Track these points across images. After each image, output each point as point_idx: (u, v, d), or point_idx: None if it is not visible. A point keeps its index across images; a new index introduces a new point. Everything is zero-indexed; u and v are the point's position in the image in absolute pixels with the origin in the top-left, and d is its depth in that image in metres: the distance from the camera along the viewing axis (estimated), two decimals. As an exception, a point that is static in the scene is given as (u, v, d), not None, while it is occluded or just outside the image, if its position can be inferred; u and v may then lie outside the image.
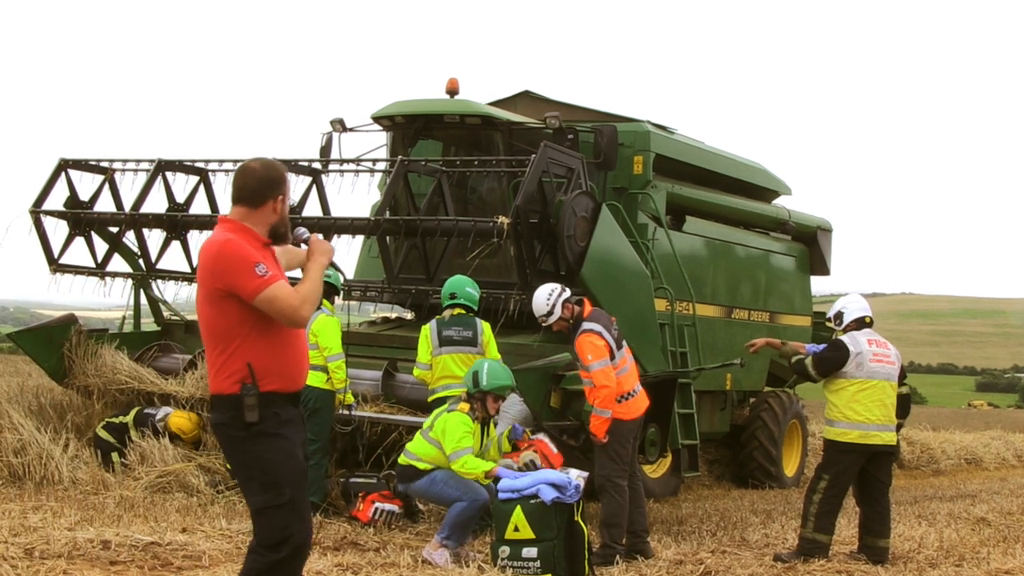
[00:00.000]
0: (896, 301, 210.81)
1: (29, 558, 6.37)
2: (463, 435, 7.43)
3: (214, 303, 4.45)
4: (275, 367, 4.47)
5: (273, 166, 4.67)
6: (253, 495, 4.48)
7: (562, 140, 10.49)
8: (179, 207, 11.41)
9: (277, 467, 4.44)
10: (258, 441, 4.43)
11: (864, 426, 7.98)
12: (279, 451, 4.46)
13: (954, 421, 28.14)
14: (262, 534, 4.46)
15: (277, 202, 4.59)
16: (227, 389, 4.44)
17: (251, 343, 4.44)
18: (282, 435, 4.47)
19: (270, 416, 4.43)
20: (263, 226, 4.58)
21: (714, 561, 7.70)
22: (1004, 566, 7.87)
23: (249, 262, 4.39)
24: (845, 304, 8.44)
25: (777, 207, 14.89)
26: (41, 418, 10.51)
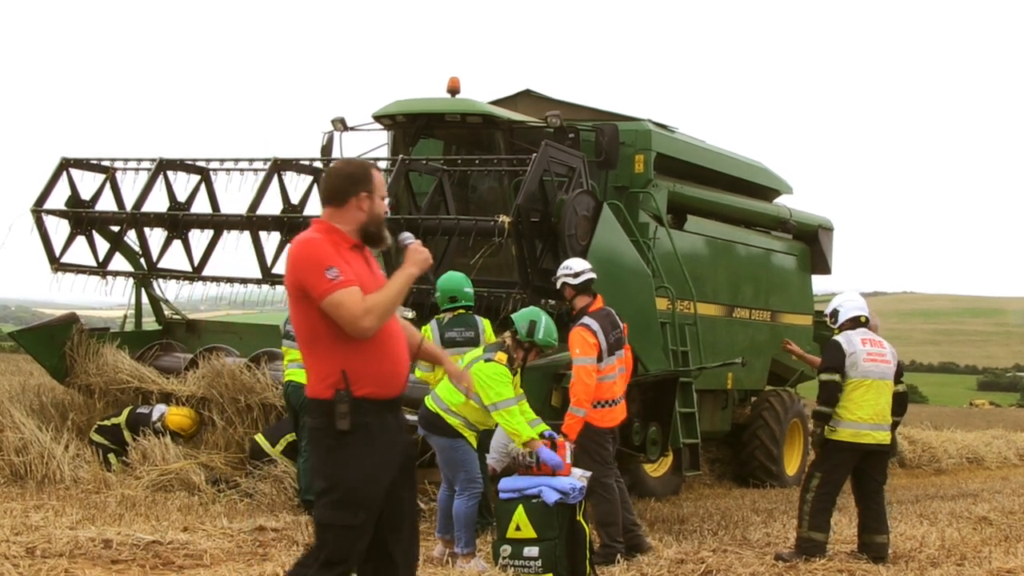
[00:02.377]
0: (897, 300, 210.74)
1: (31, 557, 6.38)
2: (502, 386, 7.16)
3: (296, 303, 4.33)
4: (368, 370, 4.30)
5: (356, 163, 4.57)
6: (326, 508, 4.29)
7: (563, 139, 10.49)
8: (180, 206, 11.41)
9: (358, 487, 4.26)
10: (345, 455, 4.26)
11: (856, 425, 7.98)
12: (363, 470, 4.26)
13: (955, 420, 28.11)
14: (319, 548, 4.29)
15: (361, 199, 4.42)
16: (321, 393, 4.29)
17: (341, 345, 4.28)
18: (371, 453, 4.28)
19: (362, 426, 4.26)
20: (351, 225, 4.42)
21: (715, 560, 7.70)
22: (1006, 565, 7.86)
23: (321, 264, 4.24)
24: (841, 303, 8.42)
25: (778, 206, 14.89)
26: (43, 417, 10.52)
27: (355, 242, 4.45)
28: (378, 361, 4.34)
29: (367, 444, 4.27)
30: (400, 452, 4.40)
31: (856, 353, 8.02)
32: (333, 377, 4.26)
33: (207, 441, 10.22)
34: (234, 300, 11.63)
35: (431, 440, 7.56)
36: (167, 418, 10.12)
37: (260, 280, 10.73)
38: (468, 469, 7.37)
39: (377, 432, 4.30)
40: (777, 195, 14.97)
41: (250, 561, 6.76)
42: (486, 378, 7.20)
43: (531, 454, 7.13)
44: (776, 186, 14.77)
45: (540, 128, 10.86)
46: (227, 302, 12.91)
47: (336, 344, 4.28)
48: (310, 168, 11.13)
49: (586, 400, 7.65)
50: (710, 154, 13.34)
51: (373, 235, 4.49)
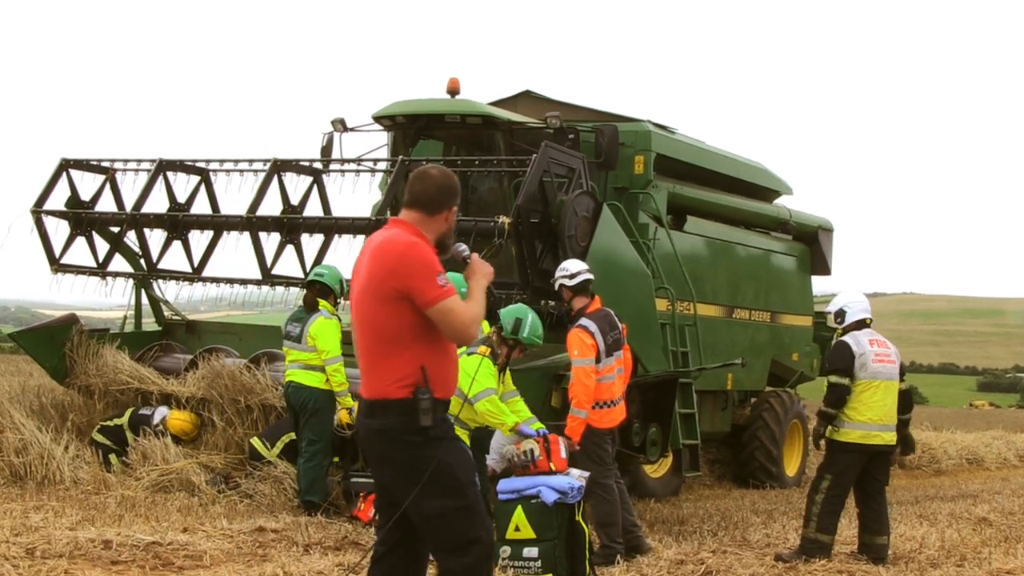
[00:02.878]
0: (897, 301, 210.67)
1: (31, 558, 6.38)
2: (484, 376, 7.19)
3: (387, 304, 4.35)
4: (441, 374, 4.42)
5: (451, 175, 4.61)
6: (430, 499, 4.34)
7: (563, 140, 10.49)
8: (180, 207, 11.41)
9: (457, 469, 4.37)
10: (434, 445, 4.34)
11: (866, 426, 7.96)
12: (456, 452, 4.41)
13: (955, 421, 28.11)
14: (444, 538, 4.37)
15: (451, 212, 4.54)
16: (394, 394, 4.33)
17: (424, 348, 4.36)
18: (454, 437, 4.45)
19: (440, 421, 4.38)
20: (433, 234, 4.50)
21: (715, 561, 7.70)
22: (1006, 566, 7.86)
23: (434, 270, 4.34)
24: (847, 303, 8.35)
25: (778, 207, 14.90)
26: (42, 418, 10.52)
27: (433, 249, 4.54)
28: (448, 366, 4.48)
29: (450, 430, 4.44)
30: None
31: (865, 354, 8.00)
32: (412, 377, 4.33)
33: (207, 442, 10.22)
34: (234, 301, 11.63)
35: None
36: (168, 422, 10.12)
37: (260, 281, 10.72)
38: None
39: (449, 428, 4.46)
40: (777, 196, 14.97)
41: (250, 562, 6.77)
42: (467, 370, 7.21)
43: (526, 453, 7.12)
44: (776, 187, 14.77)
45: (540, 129, 10.85)
46: (227, 303, 12.92)
47: (417, 346, 4.35)
48: (310, 169, 11.12)
49: (586, 401, 7.65)
50: (710, 155, 13.34)
51: (445, 245, 4.59)
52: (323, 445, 9.04)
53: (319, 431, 9.02)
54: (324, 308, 9.25)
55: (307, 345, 9.09)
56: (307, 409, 9.04)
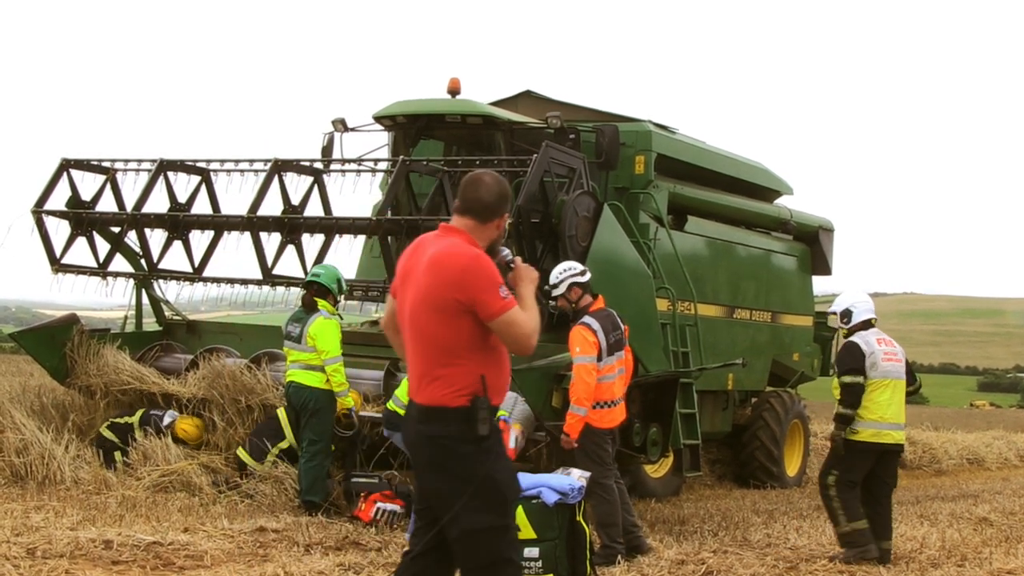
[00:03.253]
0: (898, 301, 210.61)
1: (31, 558, 6.38)
2: None
3: (446, 315, 4.32)
4: (498, 382, 4.44)
5: (505, 182, 4.58)
6: (473, 513, 4.29)
7: (564, 140, 10.49)
8: (181, 207, 11.40)
9: (504, 487, 4.36)
10: (488, 458, 4.33)
11: (877, 424, 7.99)
12: (507, 470, 4.41)
13: (956, 421, 28.12)
14: (477, 554, 4.33)
15: (503, 220, 4.53)
16: (452, 402, 4.31)
17: (483, 357, 4.36)
18: (503, 453, 4.45)
19: (495, 431, 4.39)
20: (485, 241, 4.49)
21: (716, 561, 7.70)
22: (1006, 566, 7.87)
23: (496, 282, 4.31)
24: (853, 303, 8.32)
25: (779, 207, 14.90)
26: (43, 418, 10.52)
27: None
28: (504, 374, 4.49)
29: (500, 445, 4.43)
30: None
31: (875, 353, 8.02)
32: (472, 387, 4.32)
33: (207, 442, 10.23)
34: (234, 301, 11.62)
35: (396, 438, 7.65)
36: (176, 425, 10.14)
37: (261, 281, 10.71)
38: None
39: (501, 443, 4.47)
40: (777, 196, 14.97)
41: (251, 562, 6.77)
42: None
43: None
44: (776, 187, 14.77)
45: (540, 129, 10.86)
46: (227, 303, 12.91)
47: (476, 356, 4.35)
48: (311, 169, 11.12)
49: (586, 399, 7.66)
50: (710, 155, 13.34)
51: (493, 251, 4.56)
52: (324, 445, 9.04)
53: (320, 431, 9.02)
54: (324, 308, 9.25)
55: (307, 345, 9.10)
56: (308, 409, 9.05)
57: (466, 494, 4.29)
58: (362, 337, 10.90)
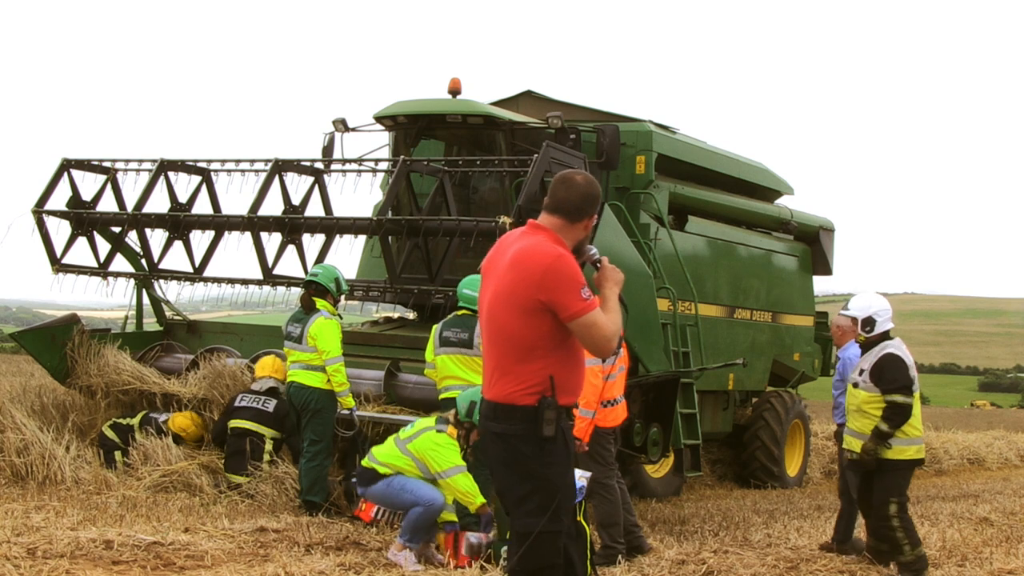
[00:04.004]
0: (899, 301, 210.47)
1: (32, 558, 6.38)
2: (453, 453, 7.34)
3: (527, 314, 4.33)
4: (570, 382, 4.42)
5: (595, 182, 4.57)
6: (529, 515, 4.34)
7: (564, 140, 10.49)
8: (181, 207, 11.41)
9: (561, 492, 4.35)
10: (549, 460, 4.34)
11: (919, 440, 7.61)
12: (566, 476, 4.39)
13: (957, 421, 28.11)
14: (523, 557, 4.34)
15: (591, 220, 4.52)
16: (520, 400, 4.33)
17: (556, 356, 4.37)
18: (567, 458, 4.41)
19: (560, 433, 4.36)
20: (572, 241, 4.49)
21: (716, 561, 7.70)
22: (1007, 566, 7.86)
23: (579, 283, 4.31)
24: (877, 311, 7.79)
25: (779, 207, 14.90)
26: (44, 418, 10.51)
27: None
28: (576, 373, 4.47)
29: (565, 450, 4.38)
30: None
31: (912, 367, 7.64)
32: (541, 386, 4.32)
33: (208, 442, 10.22)
34: (235, 301, 11.62)
35: (368, 495, 7.68)
36: (172, 420, 10.13)
37: (261, 281, 10.72)
38: (412, 490, 7.34)
39: (568, 438, 4.41)
40: (778, 196, 14.97)
41: (251, 562, 6.77)
42: (435, 447, 7.38)
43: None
44: (777, 187, 14.78)
45: (541, 129, 10.86)
46: (228, 303, 12.91)
47: (550, 356, 4.35)
48: (311, 169, 11.12)
49: (595, 401, 7.66)
50: (711, 155, 13.34)
51: (581, 251, 4.56)
52: (325, 445, 9.04)
53: (321, 431, 9.02)
54: (324, 308, 9.25)
55: (308, 345, 9.10)
56: (309, 409, 9.05)
57: (524, 493, 4.35)
58: (362, 337, 10.91)
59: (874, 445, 7.50)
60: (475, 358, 8.65)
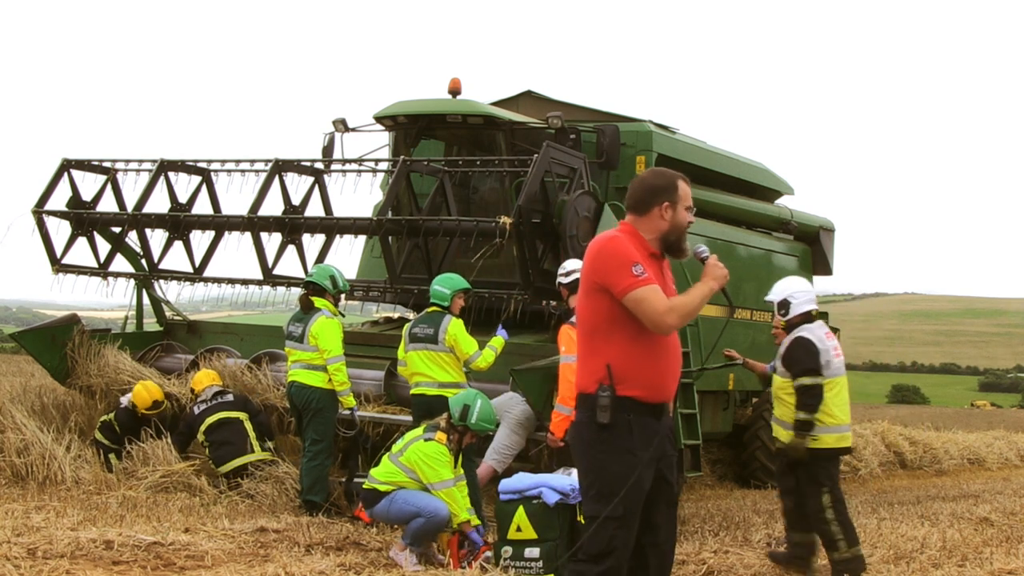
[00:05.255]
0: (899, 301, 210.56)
1: (32, 558, 6.38)
2: (442, 466, 7.31)
3: (588, 296, 4.52)
4: (637, 372, 4.45)
5: (661, 173, 4.69)
6: (589, 501, 4.49)
7: (564, 140, 10.49)
8: (181, 207, 11.42)
9: (618, 480, 4.41)
10: (606, 448, 4.42)
11: (840, 428, 7.39)
12: (624, 464, 4.42)
13: (957, 421, 28.11)
14: (588, 543, 4.45)
15: (663, 208, 4.60)
16: (586, 388, 4.49)
17: (616, 343, 4.45)
18: (629, 448, 4.43)
19: (623, 423, 4.41)
20: (652, 233, 4.60)
21: (717, 561, 7.70)
22: (1007, 566, 7.86)
23: (628, 260, 4.43)
24: (792, 292, 7.53)
25: (779, 207, 14.89)
26: (44, 418, 10.53)
27: (654, 251, 4.62)
28: (643, 365, 4.48)
29: (626, 439, 4.43)
30: (657, 455, 4.50)
31: (827, 350, 7.37)
32: (600, 373, 4.44)
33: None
34: (235, 301, 11.64)
35: (374, 515, 7.63)
36: (133, 398, 10.15)
37: (261, 281, 10.73)
38: (414, 502, 7.31)
39: (637, 430, 4.44)
40: (778, 196, 14.96)
41: (251, 562, 6.77)
42: (425, 457, 7.35)
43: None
44: (777, 187, 14.77)
45: (541, 129, 10.86)
46: (228, 303, 12.92)
47: (609, 341, 4.46)
48: (311, 169, 11.13)
49: (571, 398, 7.63)
50: (711, 155, 13.34)
51: (673, 245, 4.66)
52: (326, 445, 9.05)
53: (322, 431, 9.03)
54: (325, 308, 9.26)
55: (309, 345, 9.11)
56: (310, 409, 9.06)
57: (587, 480, 4.51)
58: (363, 337, 10.92)
59: (800, 437, 7.27)
60: (440, 353, 8.62)
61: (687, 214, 4.66)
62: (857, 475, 16.33)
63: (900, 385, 74.56)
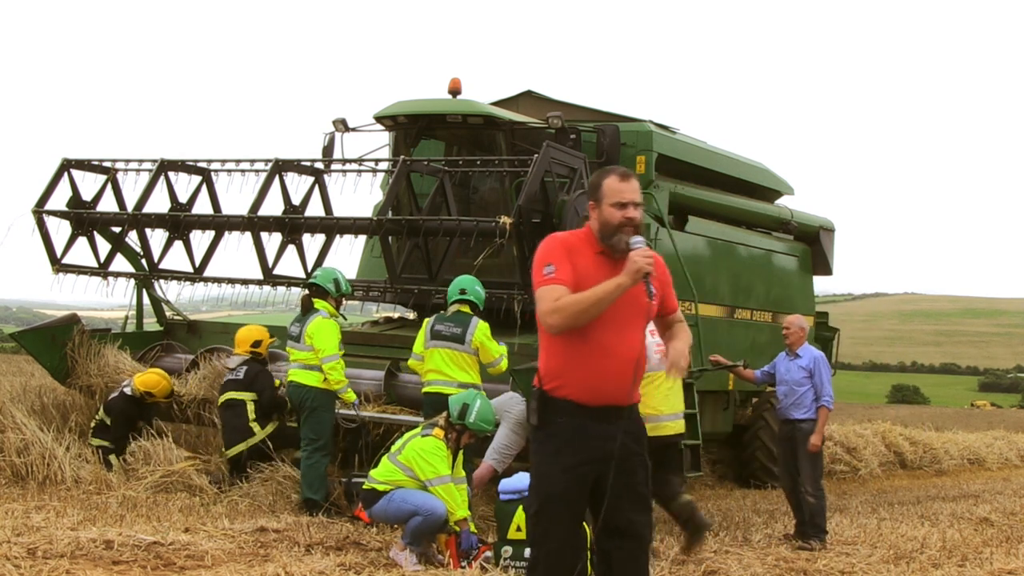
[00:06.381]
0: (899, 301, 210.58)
1: (32, 558, 6.37)
2: (439, 461, 7.31)
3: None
4: (570, 374, 4.36)
5: (596, 173, 4.59)
6: (530, 495, 4.56)
7: (564, 140, 10.49)
8: (181, 207, 11.42)
9: (540, 480, 4.42)
10: (537, 447, 4.45)
11: (658, 418, 8.05)
12: (545, 464, 4.40)
13: (957, 421, 28.13)
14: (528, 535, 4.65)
15: (592, 208, 4.52)
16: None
17: (549, 345, 4.42)
18: (556, 451, 4.36)
19: (552, 423, 4.38)
20: (596, 228, 4.50)
21: (716, 561, 7.70)
22: (1007, 566, 7.86)
23: (542, 260, 4.38)
24: None
25: (780, 207, 14.90)
26: (44, 418, 10.52)
27: (601, 248, 4.48)
28: (576, 366, 4.36)
29: (551, 441, 4.38)
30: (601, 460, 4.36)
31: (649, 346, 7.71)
32: (538, 374, 4.46)
33: (209, 443, 10.23)
34: (235, 301, 11.63)
35: (373, 515, 7.64)
36: (135, 382, 10.14)
37: (261, 281, 10.72)
38: (412, 501, 7.30)
39: (568, 434, 4.36)
40: (778, 196, 14.97)
41: (251, 562, 6.77)
42: (422, 453, 7.35)
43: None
44: (777, 187, 14.77)
45: (541, 129, 10.85)
46: (228, 303, 12.91)
47: (545, 343, 4.45)
48: (311, 169, 11.12)
49: None
50: (711, 155, 13.34)
51: (609, 243, 4.47)
52: (323, 443, 9.05)
53: (318, 430, 9.05)
54: (323, 308, 9.31)
55: (305, 344, 9.15)
56: (305, 407, 9.10)
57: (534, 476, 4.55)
58: (362, 337, 10.91)
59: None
60: (464, 354, 8.65)
61: (614, 211, 4.43)
62: (857, 475, 16.33)
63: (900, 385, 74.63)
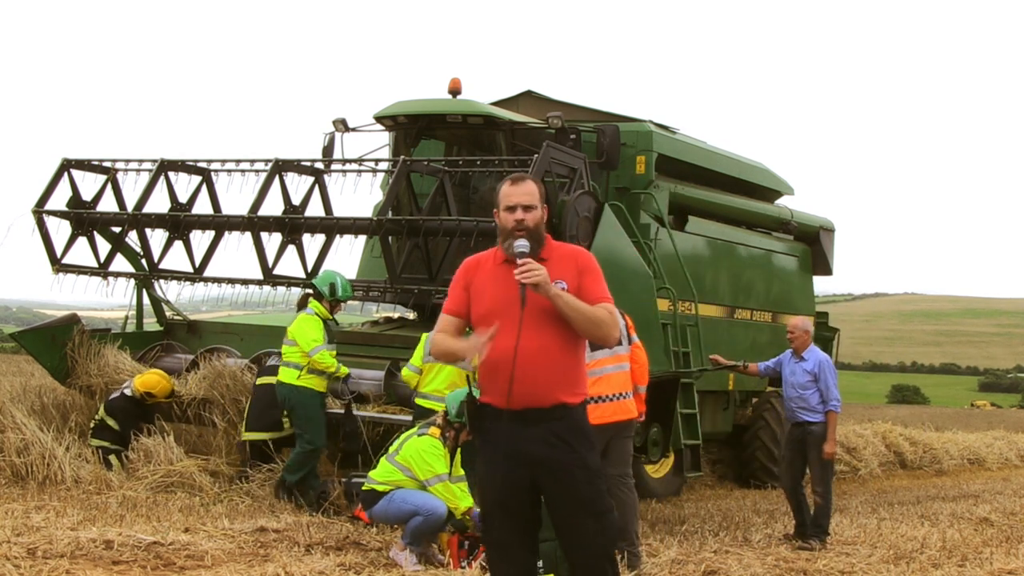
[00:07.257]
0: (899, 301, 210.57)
1: (32, 558, 6.37)
2: (436, 461, 7.31)
3: None
4: (482, 379, 4.53)
5: (506, 180, 4.54)
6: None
7: (564, 140, 10.49)
8: (181, 207, 11.42)
9: (479, 480, 4.68)
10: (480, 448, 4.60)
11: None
12: (483, 469, 4.57)
13: (957, 421, 28.12)
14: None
15: (495, 215, 4.50)
16: None
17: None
18: (482, 452, 4.55)
19: (479, 428, 4.53)
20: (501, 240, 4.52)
21: (716, 561, 7.70)
22: (1007, 566, 7.86)
23: (452, 282, 4.61)
24: None
25: (780, 207, 14.90)
26: (44, 418, 10.51)
27: (504, 257, 4.48)
28: (485, 371, 4.52)
29: (485, 448, 4.54)
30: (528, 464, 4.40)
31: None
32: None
33: (209, 443, 10.22)
34: (235, 301, 11.63)
35: (374, 516, 7.65)
36: (136, 385, 10.15)
37: (261, 281, 10.72)
38: (412, 501, 7.31)
39: (489, 436, 4.49)
40: (778, 196, 14.97)
41: (251, 562, 6.76)
42: (418, 451, 7.37)
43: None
44: (777, 187, 14.77)
45: (541, 129, 10.85)
46: (228, 303, 12.91)
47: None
48: (311, 169, 11.12)
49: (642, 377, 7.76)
50: (711, 155, 13.34)
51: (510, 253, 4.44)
52: (310, 436, 9.26)
53: (303, 425, 9.32)
54: (313, 308, 9.50)
55: (289, 340, 9.43)
56: (286, 405, 9.41)
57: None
58: (362, 337, 10.91)
59: None
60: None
61: (507, 215, 4.43)
62: (857, 475, 16.33)
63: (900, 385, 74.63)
